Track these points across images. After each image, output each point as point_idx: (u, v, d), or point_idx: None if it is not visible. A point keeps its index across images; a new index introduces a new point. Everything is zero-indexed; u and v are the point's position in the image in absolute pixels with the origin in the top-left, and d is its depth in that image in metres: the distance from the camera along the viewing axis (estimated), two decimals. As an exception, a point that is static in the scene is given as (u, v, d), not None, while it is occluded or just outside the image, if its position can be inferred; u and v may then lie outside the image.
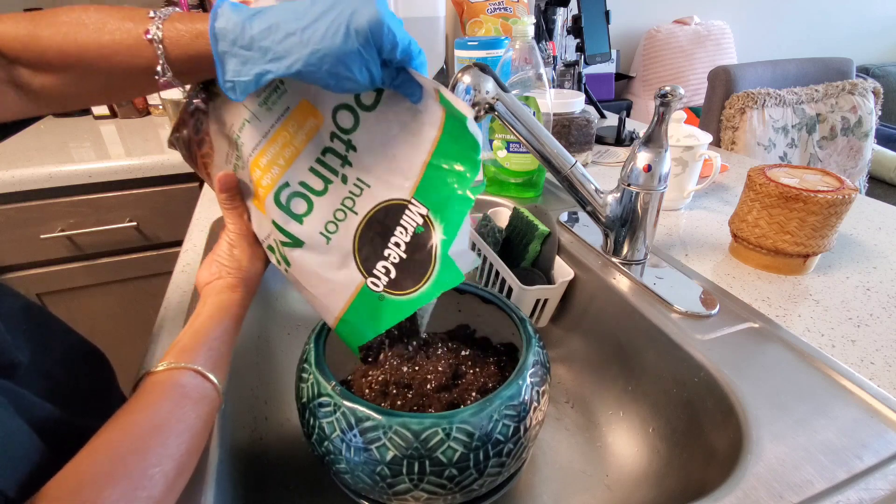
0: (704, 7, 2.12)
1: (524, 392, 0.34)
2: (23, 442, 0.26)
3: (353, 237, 0.37)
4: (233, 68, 0.30)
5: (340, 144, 0.37)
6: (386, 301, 0.36)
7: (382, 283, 0.36)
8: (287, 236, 0.37)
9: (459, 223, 0.35)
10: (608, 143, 1.04)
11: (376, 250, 0.36)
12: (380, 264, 0.36)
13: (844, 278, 0.53)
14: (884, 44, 2.57)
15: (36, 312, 0.38)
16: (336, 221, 0.37)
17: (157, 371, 0.31)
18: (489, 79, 0.49)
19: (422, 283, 0.35)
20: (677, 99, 0.47)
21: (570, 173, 0.52)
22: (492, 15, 1.15)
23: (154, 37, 0.31)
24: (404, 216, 0.36)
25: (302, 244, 0.37)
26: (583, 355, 0.56)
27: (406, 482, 0.31)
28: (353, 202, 0.37)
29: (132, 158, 0.96)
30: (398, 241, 0.36)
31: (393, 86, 0.34)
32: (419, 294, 0.35)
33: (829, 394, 0.38)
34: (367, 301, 0.36)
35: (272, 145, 0.36)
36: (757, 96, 1.26)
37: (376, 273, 0.36)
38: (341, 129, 0.37)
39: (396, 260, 0.36)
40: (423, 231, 0.36)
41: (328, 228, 0.37)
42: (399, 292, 0.36)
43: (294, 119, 0.36)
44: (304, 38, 0.29)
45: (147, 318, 1.11)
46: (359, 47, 0.29)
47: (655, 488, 0.42)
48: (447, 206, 0.35)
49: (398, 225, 0.36)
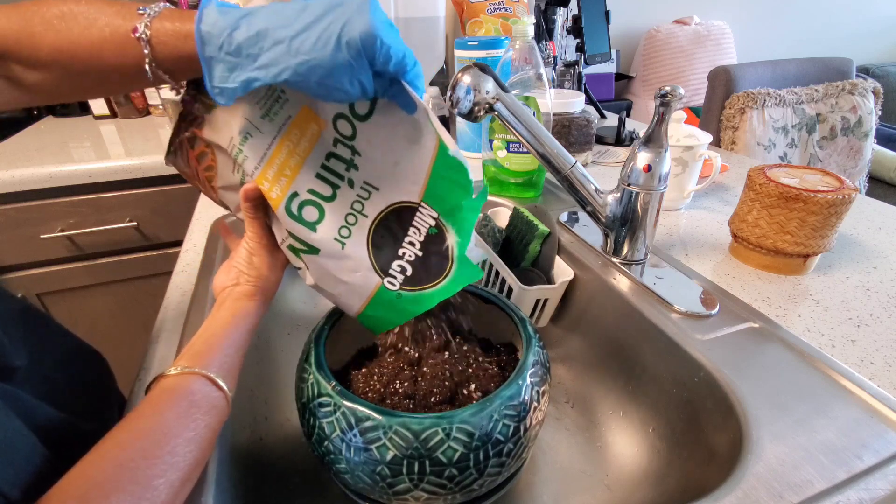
0: (704, 7, 2.12)
1: (524, 392, 0.34)
2: (23, 444, 0.26)
3: (367, 240, 0.37)
4: (220, 74, 0.30)
5: (345, 149, 0.37)
6: (404, 297, 0.37)
7: (399, 280, 0.37)
8: (303, 244, 0.37)
9: (471, 229, 0.37)
10: (608, 143, 1.04)
11: (391, 250, 0.37)
12: (395, 263, 0.37)
13: (844, 278, 0.53)
14: (884, 44, 2.57)
15: (33, 315, 0.38)
16: (348, 226, 0.37)
17: (170, 375, 0.31)
18: (489, 79, 0.49)
19: (441, 278, 0.37)
20: (677, 99, 0.47)
21: (570, 173, 0.52)
22: (492, 15, 1.15)
23: (142, 35, 0.30)
24: (416, 218, 0.37)
25: (318, 251, 0.37)
26: (583, 355, 0.56)
27: (406, 482, 0.31)
28: (362, 206, 0.37)
29: (132, 158, 0.96)
30: (412, 240, 0.37)
31: (387, 96, 0.34)
32: (438, 288, 0.37)
33: (829, 394, 0.38)
34: (385, 298, 0.37)
35: (278, 156, 0.36)
36: (757, 96, 1.26)
37: (392, 273, 0.37)
38: (343, 136, 0.37)
39: (412, 258, 0.37)
40: (437, 233, 0.37)
41: (341, 234, 0.37)
42: (417, 288, 0.37)
43: (296, 126, 0.36)
44: (292, 48, 0.28)
45: (147, 318, 1.11)
46: (350, 60, 0.28)
47: (655, 488, 0.42)
48: (457, 213, 0.37)
49: (411, 226, 0.37)
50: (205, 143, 0.39)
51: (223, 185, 0.40)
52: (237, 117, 0.36)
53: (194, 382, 0.31)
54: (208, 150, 0.39)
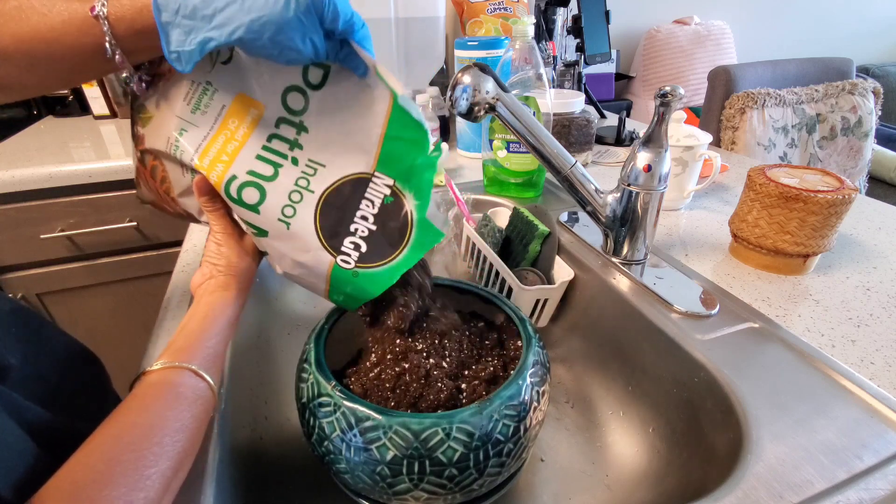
0: (704, 7, 2.12)
1: (524, 392, 0.34)
2: (16, 444, 0.26)
3: (314, 218, 0.37)
4: (176, 38, 0.31)
5: (289, 128, 0.37)
6: (360, 276, 0.36)
7: (353, 258, 0.36)
8: (251, 227, 0.37)
9: (429, 188, 0.37)
10: (608, 143, 1.04)
11: (341, 227, 0.37)
12: (347, 241, 0.37)
13: (844, 278, 0.53)
14: (884, 44, 2.57)
15: (27, 315, 0.38)
16: (293, 204, 0.37)
17: (153, 370, 0.31)
18: (489, 79, 0.49)
19: (399, 250, 0.36)
20: (677, 99, 0.47)
21: (570, 173, 0.52)
22: (492, 15, 1.15)
23: (99, 13, 0.31)
24: (369, 189, 0.37)
25: (266, 233, 0.37)
26: (583, 355, 0.56)
27: (406, 482, 0.31)
28: (307, 182, 0.37)
29: (132, 158, 0.96)
30: (365, 214, 0.37)
31: (338, 59, 0.34)
32: (396, 262, 0.36)
33: (829, 394, 0.38)
34: (342, 278, 0.37)
35: (213, 145, 0.36)
36: (757, 96, 1.26)
37: (345, 250, 0.37)
38: (291, 111, 0.37)
39: (365, 233, 0.37)
40: (393, 200, 0.37)
41: (285, 213, 0.37)
42: (373, 264, 0.37)
43: (233, 114, 0.37)
44: (245, 6, 0.30)
45: (147, 318, 1.11)
46: (300, 15, 0.30)
47: (655, 488, 0.42)
48: (413, 174, 0.36)
49: (363, 198, 0.37)
50: (152, 156, 0.39)
51: (180, 192, 0.40)
52: (171, 118, 0.36)
53: (178, 376, 0.31)
54: (157, 163, 0.40)
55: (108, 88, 1.24)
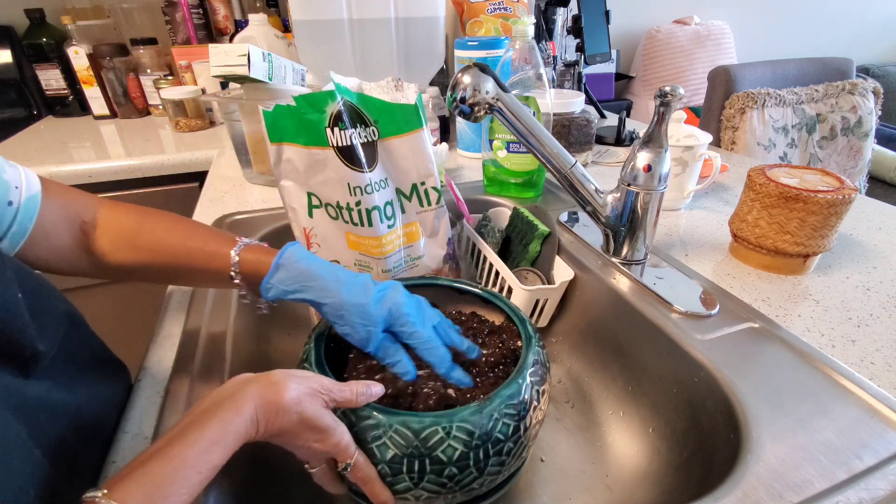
0: (704, 7, 2.13)
1: (524, 391, 0.34)
2: (18, 450, 0.25)
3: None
4: (272, 294, 0.39)
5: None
6: None
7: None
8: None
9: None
10: (608, 143, 1.04)
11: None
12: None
13: (844, 278, 0.53)
14: (884, 44, 2.57)
15: (73, 319, 0.39)
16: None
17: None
18: (489, 79, 0.49)
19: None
20: (677, 99, 0.47)
21: (570, 173, 0.52)
22: (492, 15, 1.15)
23: (234, 255, 0.41)
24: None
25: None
26: (583, 355, 0.56)
27: (406, 481, 0.31)
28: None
29: (132, 158, 0.96)
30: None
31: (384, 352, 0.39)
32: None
33: (829, 394, 0.38)
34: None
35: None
36: (757, 96, 1.26)
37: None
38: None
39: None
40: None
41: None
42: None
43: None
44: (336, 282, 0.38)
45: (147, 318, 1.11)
46: (375, 310, 0.37)
47: (655, 488, 0.42)
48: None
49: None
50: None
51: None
52: None
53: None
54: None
55: (108, 88, 1.24)
